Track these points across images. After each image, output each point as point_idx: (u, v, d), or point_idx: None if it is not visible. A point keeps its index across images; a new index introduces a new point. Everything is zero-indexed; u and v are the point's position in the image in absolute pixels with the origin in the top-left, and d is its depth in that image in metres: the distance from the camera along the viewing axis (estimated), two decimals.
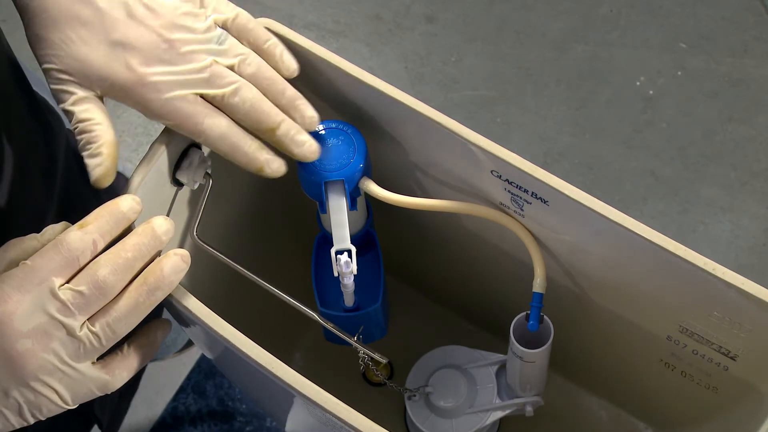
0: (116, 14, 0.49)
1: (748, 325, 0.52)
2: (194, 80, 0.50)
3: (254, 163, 0.52)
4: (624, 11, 1.47)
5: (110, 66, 0.49)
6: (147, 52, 0.49)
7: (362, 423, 0.46)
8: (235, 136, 0.52)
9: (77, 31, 0.49)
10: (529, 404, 0.66)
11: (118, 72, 0.49)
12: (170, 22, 0.50)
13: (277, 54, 0.53)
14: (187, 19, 0.50)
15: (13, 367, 0.44)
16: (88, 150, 0.49)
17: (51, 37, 0.49)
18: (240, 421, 1.06)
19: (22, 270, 0.45)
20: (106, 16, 0.49)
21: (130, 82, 0.49)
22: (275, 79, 0.53)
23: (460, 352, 0.69)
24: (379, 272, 0.63)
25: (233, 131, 0.51)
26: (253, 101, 0.51)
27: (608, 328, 0.63)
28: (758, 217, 1.30)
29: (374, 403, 0.71)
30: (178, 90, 0.49)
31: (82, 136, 0.49)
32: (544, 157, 1.34)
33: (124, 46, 0.49)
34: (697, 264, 0.49)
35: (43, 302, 0.44)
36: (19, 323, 0.44)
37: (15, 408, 0.45)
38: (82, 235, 0.46)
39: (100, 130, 0.49)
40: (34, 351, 0.44)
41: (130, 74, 0.49)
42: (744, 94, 1.39)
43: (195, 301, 0.49)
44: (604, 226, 0.51)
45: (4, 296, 0.44)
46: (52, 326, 0.44)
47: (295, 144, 0.53)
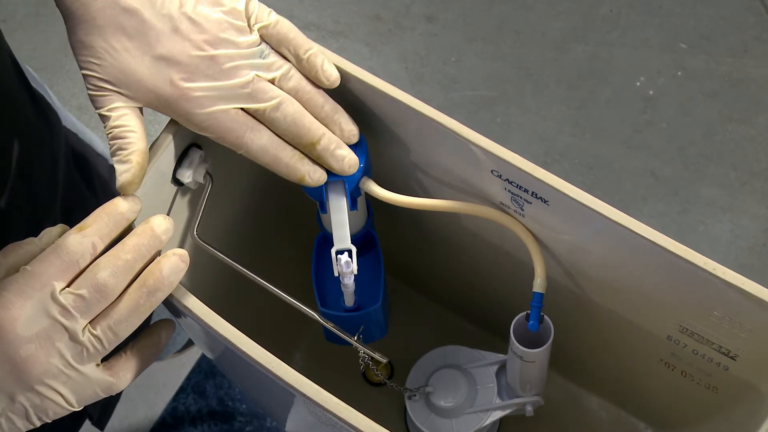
0: (161, 27, 0.49)
1: (748, 325, 0.52)
2: (236, 95, 0.50)
3: (295, 173, 0.53)
4: (624, 11, 1.47)
5: (154, 80, 0.49)
6: (191, 67, 0.49)
7: (362, 423, 0.46)
8: (276, 148, 0.52)
9: (122, 41, 0.49)
10: (529, 404, 0.66)
11: (162, 86, 0.49)
12: (214, 37, 0.50)
13: (318, 64, 0.53)
14: (230, 33, 0.50)
15: (19, 372, 0.44)
16: (118, 156, 0.49)
17: (95, 45, 0.49)
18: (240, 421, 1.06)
19: (23, 276, 0.45)
20: (151, 30, 0.49)
21: (174, 96, 0.49)
22: (315, 92, 0.53)
23: (460, 352, 0.70)
24: (380, 272, 0.63)
25: (274, 143, 0.52)
26: (294, 116, 0.52)
27: (608, 327, 0.63)
28: (758, 217, 1.30)
29: (374, 403, 0.71)
30: (221, 105, 0.50)
31: (114, 141, 0.49)
32: (544, 157, 1.34)
33: (168, 60, 0.49)
34: (698, 264, 0.49)
35: (45, 307, 0.45)
36: (22, 329, 0.44)
37: (22, 412, 0.45)
38: (81, 239, 0.46)
39: (134, 138, 0.49)
40: (38, 356, 0.44)
41: (174, 89, 0.49)
42: (744, 94, 1.39)
43: (195, 301, 0.49)
44: (604, 225, 0.51)
45: (7, 302, 0.44)
46: (55, 331, 0.45)
47: (335, 158, 0.53)
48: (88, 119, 1.43)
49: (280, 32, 0.52)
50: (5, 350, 0.44)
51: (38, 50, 1.47)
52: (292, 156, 0.53)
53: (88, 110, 1.44)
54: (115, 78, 0.49)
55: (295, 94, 0.52)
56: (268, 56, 0.51)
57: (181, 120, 0.51)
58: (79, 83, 1.45)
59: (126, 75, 0.49)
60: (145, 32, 0.49)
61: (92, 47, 0.49)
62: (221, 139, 0.51)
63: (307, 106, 0.53)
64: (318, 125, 0.53)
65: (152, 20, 0.49)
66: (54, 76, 1.45)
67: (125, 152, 0.49)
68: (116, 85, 0.49)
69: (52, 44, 1.48)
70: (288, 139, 0.52)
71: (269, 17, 0.52)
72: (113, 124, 0.49)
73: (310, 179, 0.53)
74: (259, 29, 0.52)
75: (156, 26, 0.49)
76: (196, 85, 0.49)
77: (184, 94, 0.49)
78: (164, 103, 0.50)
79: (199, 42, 0.49)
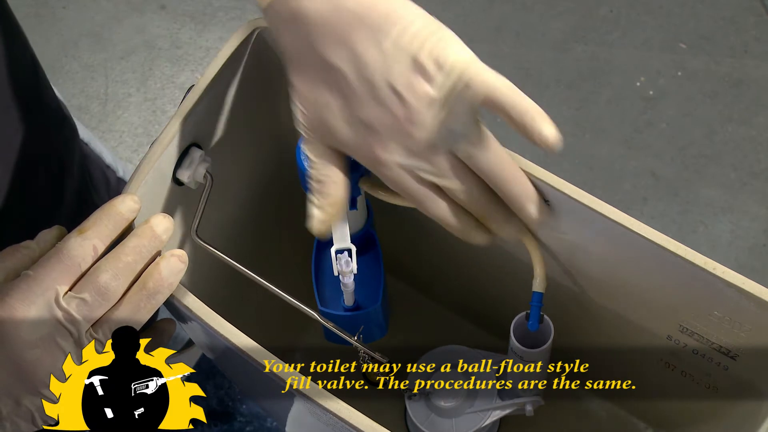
0: (362, 92, 0.47)
1: (748, 325, 0.52)
2: (426, 170, 0.49)
3: (465, 238, 0.53)
4: (624, 11, 1.47)
5: (352, 141, 0.48)
6: (389, 138, 0.48)
7: (362, 423, 0.46)
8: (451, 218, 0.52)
9: (324, 95, 0.48)
10: (529, 404, 0.66)
11: (360, 148, 0.49)
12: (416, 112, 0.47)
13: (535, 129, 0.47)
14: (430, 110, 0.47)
15: (24, 376, 0.44)
16: (316, 200, 0.50)
17: (301, 92, 0.48)
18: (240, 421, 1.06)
19: (25, 280, 0.45)
20: (353, 92, 0.47)
21: (369, 159, 0.49)
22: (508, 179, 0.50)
23: (460, 352, 0.69)
24: (379, 272, 0.63)
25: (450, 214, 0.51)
26: (478, 202, 0.51)
27: (608, 327, 0.63)
28: (758, 217, 1.30)
29: (374, 403, 0.71)
30: (411, 175, 0.49)
31: (316, 185, 0.50)
32: (544, 157, 1.34)
33: (367, 126, 0.48)
34: (698, 263, 0.49)
35: (49, 312, 0.45)
36: (26, 334, 0.44)
37: (28, 416, 0.45)
38: (81, 241, 0.46)
39: (334, 190, 0.50)
40: (43, 360, 0.44)
41: (369, 153, 0.49)
42: (744, 94, 1.39)
43: (195, 300, 0.49)
44: (604, 225, 0.51)
45: (10, 308, 0.44)
46: (59, 335, 0.45)
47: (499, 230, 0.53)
48: (88, 119, 1.43)
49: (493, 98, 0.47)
50: (10, 355, 0.44)
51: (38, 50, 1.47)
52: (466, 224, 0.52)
53: (88, 110, 1.44)
54: (317, 130, 0.49)
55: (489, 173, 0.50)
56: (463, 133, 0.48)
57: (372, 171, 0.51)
58: (79, 83, 1.45)
59: (327, 131, 0.49)
60: (346, 92, 0.47)
61: (299, 94, 0.49)
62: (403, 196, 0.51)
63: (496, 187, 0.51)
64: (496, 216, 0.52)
65: (354, 82, 0.47)
66: (54, 76, 1.45)
67: (323, 201, 0.50)
68: (317, 133, 0.49)
69: (52, 44, 1.48)
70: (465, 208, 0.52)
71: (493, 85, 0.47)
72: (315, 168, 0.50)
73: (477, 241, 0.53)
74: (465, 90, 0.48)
75: (357, 89, 0.47)
76: (391, 156, 0.48)
77: (378, 161, 0.49)
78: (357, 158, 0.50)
79: (399, 116, 0.47)
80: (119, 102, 1.45)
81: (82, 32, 1.50)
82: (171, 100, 1.46)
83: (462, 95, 0.47)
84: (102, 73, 1.48)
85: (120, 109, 1.44)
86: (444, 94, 0.47)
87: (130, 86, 1.46)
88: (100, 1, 1.53)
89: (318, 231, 0.51)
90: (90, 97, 1.45)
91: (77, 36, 1.49)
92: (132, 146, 1.41)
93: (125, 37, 1.51)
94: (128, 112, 1.44)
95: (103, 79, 1.47)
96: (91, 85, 1.46)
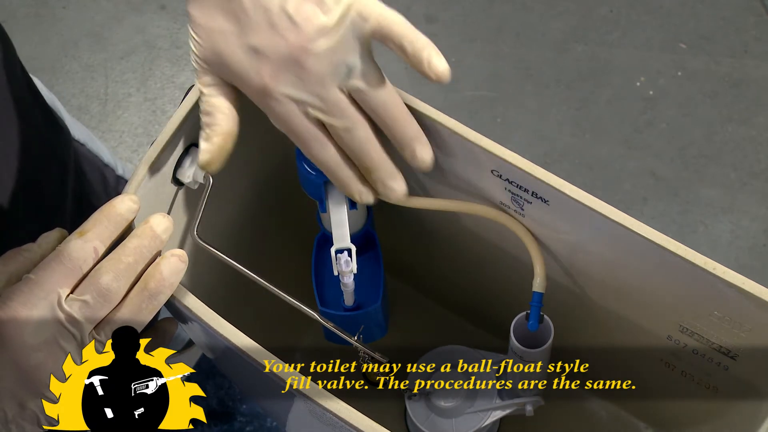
0: (258, 18, 0.48)
1: (748, 325, 0.52)
2: (314, 105, 0.49)
3: (347, 190, 0.53)
4: (624, 11, 1.47)
5: (243, 69, 0.49)
6: (278, 67, 0.48)
7: (362, 423, 0.46)
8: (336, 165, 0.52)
9: (219, 22, 0.49)
10: (529, 404, 0.66)
11: (250, 77, 0.49)
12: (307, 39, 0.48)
13: (424, 58, 0.49)
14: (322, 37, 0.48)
15: (28, 380, 0.45)
16: (204, 134, 0.50)
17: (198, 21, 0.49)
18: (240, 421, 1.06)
19: (27, 284, 0.45)
20: (248, 18, 0.48)
21: (258, 89, 0.49)
22: (398, 118, 0.51)
23: (460, 352, 0.69)
24: (379, 271, 0.63)
25: (334, 161, 0.52)
26: (361, 142, 0.51)
27: (608, 327, 0.63)
28: (758, 217, 1.30)
29: (374, 403, 0.70)
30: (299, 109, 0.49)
31: (204, 118, 0.50)
32: (544, 157, 1.34)
33: (259, 54, 0.48)
34: (698, 263, 0.49)
35: (52, 315, 0.45)
36: (29, 337, 0.44)
37: (33, 419, 0.45)
38: (82, 244, 0.46)
39: (221, 119, 0.50)
40: (47, 363, 0.45)
41: (258, 82, 0.49)
42: (744, 94, 1.39)
43: (195, 301, 0.49)
44: (604, 225, 0.51)
45: (13, 312, 0.44)
46: (62, 338, 0.45)
47: (384, 187, 0.53)
48: (88, 119, 1.43)
49: (385, 28, 0.49)
50: (14, 359, 0.44)
51: (38, 50, 1.47)
52: (349, 176, 0.52)
53: (88, 110, 1.44)
54: (210, 60, 0.49)
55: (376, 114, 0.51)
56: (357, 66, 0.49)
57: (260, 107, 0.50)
58: (79, 83, 1.45)
59: (219, 59, 0.49)
60: (242, 19, 0.48)
61: (196, 23, 0.49)
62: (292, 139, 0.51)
63: (384, 126, 0.51)
64: (380, 155, 0.52)
65: (251, 9, 0.48)
66: (54, 76, 1.46)
67: (210, 131, 0.50)
68: (210, 64, 0.49)
69: (52, 44, 1.48)
70: (350, 157, 0.52)
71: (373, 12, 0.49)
72: (204, 99, 0.50)
73: (360, 199, 0.53)
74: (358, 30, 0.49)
75: (253, 16, 0.48)
76: (279, 85, 0.49)
77: (268, 90, 0.49)
78: (249, 92, 0.50)
79: (292, 41, 0.48)
80: (119, 102, 1.45)
81: (82, 32, 1.50)
82: (171, 100, 1.46)
83: (355, 25, 0.48)
84: (102, 73, 1.48)
85: (120, 109, 1.44)
86: (336, 20, 0.48)
87: (130, 86, 1.46)
88: (100, 1, 1.53)
89: (204, 162, 0.50)
90: (90, 97, 1.45)
91: (77, 36, 1.49)
92: (132, 146, 1.41)
93: (125, 37, 1.51)
94: (128, 112, 1.44)
95: (103, 79, 1.47)
96: (91, 85, 1.46)
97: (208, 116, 0.50)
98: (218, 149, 0.50)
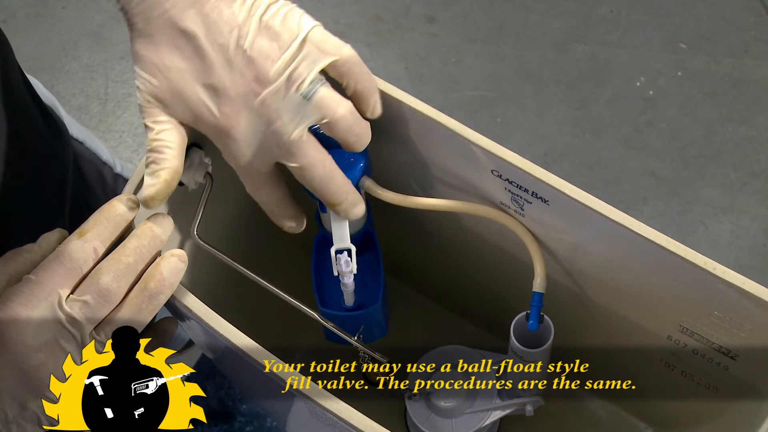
0: (215, 57, 0.48)
1: (748, 325, 0.52)
2: (271, 147, 0.49)
3: (280, 224, 0.55)
4: (624, 11, 1.47)
5: (200, 107, 0.48)
6: (237, 104, 0.48)
7: (363, 423, 0.46)
8: (278, 206, 0.54)
9: (176, 62, 0.48)
10: (529, 404, 0.66)
11: (206, 115, 0.49)
12: (264, 75, 0.48)
13: (371, 103, 0.52)
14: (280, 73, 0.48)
15: (29, 380, 0.45)
16: (150, 169, 0.49)
17: (149, 61, 0.48)
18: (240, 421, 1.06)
19: (28, 285, 0.45)
20: (205, 57, 0.48)
21: (215, 127, 0.49)
22: (361, 138, 0.51)
23: (460, 352, 0.69)
24: (379, 271, 0.63)
25: (279, 203, 0.53)
26: (322, 180, 0.51)
27: (608, 327, 0.63)
28: (758, 217, 1.30)
29: (374, 403, 0.71)
30: (257, 149, 0.49)
31: (150, 154, 0.49)
32: (544, 157, 1.34)
33: (217, 91, 0.48)
34: (698, 263, 0.49)
35: (53, 316, 0.45)
36: (30, 338, 0.44)
37: (34, 419, 0.45)
38: (82, 244, 0.46)
39: (170, 155, 0.49)
40: (48, 364, 0.45)
41: (216, 121, 0.48)
42: (744, 94, 1.39)
43: (195, 301, 0.49)
44: (604, 225, 0.51)
45: (13, 313, 0.44)
46: (62, 338, 0.45)
47: (348, 214, 0.54)
48: (88, 119, 1.43)
49: (345, 67, 0.50)
50: (15, 359, 0.44)
51: (38, 50, 1.47)
52: (287, 216, 0.55)
53: (88, 110, 1.44)
54: (164, 98, 0.49)
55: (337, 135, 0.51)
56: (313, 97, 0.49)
57: (217, 144, 0.50)
58: (79, 83, 1.46)
59: (174, 96, 0.48)
60: (199, 59, 0.48)
61: (146, 62, 0.48)
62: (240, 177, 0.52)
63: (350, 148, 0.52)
64: (343, 190, 0.52)
65: (207, 48, 0.48)
66: (54, 76, 1.46)
67: (156, 167, 0.49)
68: (163, 102, 0.49)
69: (52, 44, 1.48)
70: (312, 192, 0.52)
71: (332, 48, 0.49)
72: (153, 136, 0.49)
73: (287, 229, 0.55)
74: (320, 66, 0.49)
75: (210, 54, 0.48)
76: (238, 123, 0.48)
77: (226, 129, 0.49)
78: (204, 129, 0.49)
79: (249, 79, 0.48)
80: (119, 102, 1.45)
81: (82, 32, 1.50)
82: None
83: (311, 58, 0.48)
84: (102, 73, 1.48)
85: (120, 109, 1.44)
86: (291, 54, 0.48)
87: (130, 86, 1.46)
88: (100, 1, 1.53)
89: (149, 199, 0.49)
90: (90, 97, 1.45)
91: (77, 36, 1.49)
92: (132, 146, 1.41)
93: (125, 37, 1.51)
94: (128, 112, 1.44)
95: (103, 79, 1.47)
96: (91, 85, 1.46)
97: (157, 153, 0.49)
98: (165, 185, 0.49)
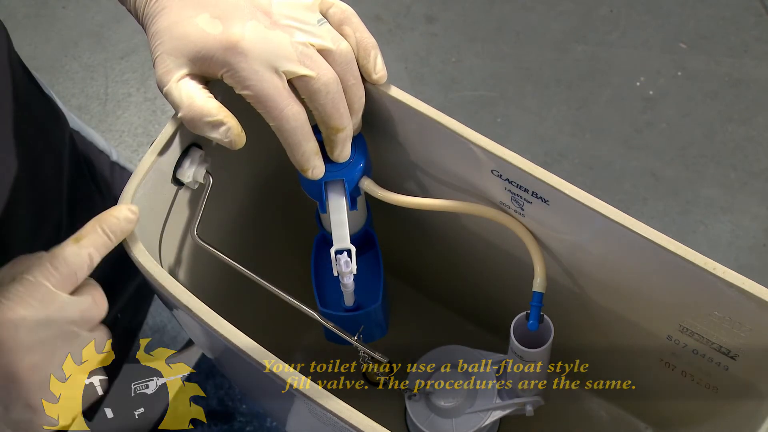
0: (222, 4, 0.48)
1: (748, 325, 0.52)
2: (284, 55, 0.48)
3: (304, 164, 0.52)
4: (624, 11, 1.47)
5: (202, 33, 0.48)
6: (244, 19, 0.48)
7: (363, 423, 0.46)
8: (304, 135, 0.51)
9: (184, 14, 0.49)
10: (529, 404, 0.66)
11: (211, 36, 0.48)
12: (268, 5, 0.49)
13: (372, 56, 0.52)
14: None
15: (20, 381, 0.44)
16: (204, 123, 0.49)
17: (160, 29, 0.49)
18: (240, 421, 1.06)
19: (23, 284, 0.45)
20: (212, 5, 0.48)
21: (222, 46, 0.48)
22: (359, 84, 0.52)
23: (460, 352, 0.69)
24: (379, 272, 0.63)
25: (305, 130, 0.51)
26: (335, 96, 0.50)
27: (608, 327, 0.63)
28: (758, 217, 1.30)
29: (374, 403, 0.71)
30: (268, 63, 0.48)
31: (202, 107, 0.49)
32: (544, 157, 1.34)
33: (222, 17, 0.48)
34: (698, 263, 0.49)
35: (48, 315, 0.45)
36: (25, 337, 0.44)
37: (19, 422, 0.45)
38: (78, 250, 0.47)
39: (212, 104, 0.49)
40: (42, 364, 0.45)
41: (223, 38, 0.48)
42: (744, 94, 1.39)
43: (195, 300, 0.49)
44: (604, 225, 0.51)
45: (9, 311, 0.44)
46: (60, 338, 0.45)
47: (342, 149, 0.53)
48: (88, 119, 1.43)
49: (345, 13, 0.51)
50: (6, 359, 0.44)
51: (38, 50, 1.47)
52: (312, 148, 0.52)
53: (88, 110, 1.44)
54: (171, 48, 0.49)
55: (341, 76, 0.51)
56: (324, 25, 0.50)
57: (228, 76, 0.49)
58: (79, 83, 1.45)
59: (177, 38, 0.48)
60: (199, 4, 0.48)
61: (157, 31, 0.49)
62: (259, 104, 0.49)
63: (346, 91, 0.51)
64: (348, 115, 0.52)
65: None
66: (54, 76, 1.46)
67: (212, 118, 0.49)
68: (171, 54, 0.49)
69: (52, 44, 1.48)
70: (316, 116, 0.51)
71: None
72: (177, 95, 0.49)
73: (312, 174, 0.53)
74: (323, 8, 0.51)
75: None
76: (246, 36, 0.48)
77: (233, 45, 0.48)
78: (212, 55, 0.48)
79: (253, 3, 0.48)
80: (119, 102, 1.45)
81: (82, 32, 1.50)
82: None
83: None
84: (102, 73, 1.48)
85: (120, 109, 1.44)
86: None
87: (130, 86, 1.46)
88: (100, 1, 1.53)
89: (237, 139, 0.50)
90: (90, 97, 1.45)
91: (77, 36, 1.49)
92: (132, 146, 1.41)
93: (125, 37, 1.51)
94: (128, 112, 1.44)
95: (103, 79, 1.47)
96: (91, 85, 1.46)
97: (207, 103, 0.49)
98: (230, 119, 0.49)
